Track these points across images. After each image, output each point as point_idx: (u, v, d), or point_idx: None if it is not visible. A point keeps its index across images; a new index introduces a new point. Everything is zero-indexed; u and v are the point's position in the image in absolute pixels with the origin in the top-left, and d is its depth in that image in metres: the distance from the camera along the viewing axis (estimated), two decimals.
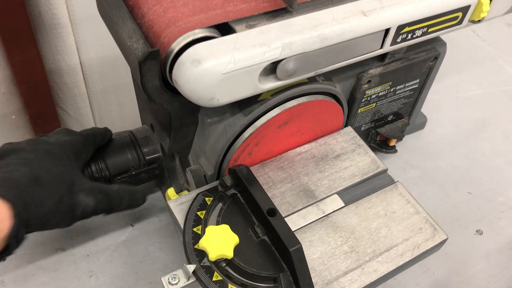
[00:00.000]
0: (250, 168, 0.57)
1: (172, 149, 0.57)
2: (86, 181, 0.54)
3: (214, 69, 0.44)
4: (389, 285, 0.62)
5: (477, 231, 0.69)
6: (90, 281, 0.59)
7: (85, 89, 1.11)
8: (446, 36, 1.00)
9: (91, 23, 0.98)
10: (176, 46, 0.46)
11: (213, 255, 0.46)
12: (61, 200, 0.49)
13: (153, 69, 0.45)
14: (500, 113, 0.86)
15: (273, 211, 0.49)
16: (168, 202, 0.53)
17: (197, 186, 0.56)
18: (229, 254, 0.46)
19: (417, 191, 0.73)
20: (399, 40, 0.56)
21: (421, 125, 0.81)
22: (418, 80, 0.67)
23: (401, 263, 0.51)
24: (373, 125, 0.70)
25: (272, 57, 0.47)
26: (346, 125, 0.65)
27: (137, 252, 0.63)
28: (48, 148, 0.52)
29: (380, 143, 0.72)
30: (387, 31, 0.53)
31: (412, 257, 0.52)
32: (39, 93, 0.99)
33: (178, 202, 0.53)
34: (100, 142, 0.59)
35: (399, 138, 0.72)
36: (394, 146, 0.73)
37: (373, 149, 0.73)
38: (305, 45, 0.48)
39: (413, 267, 0.64)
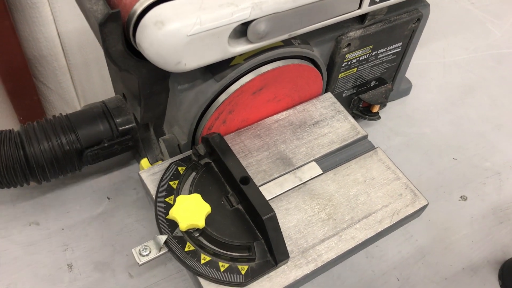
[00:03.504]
0: (226, 136, 0.55)
1: (145, 119, 0.55)
2: None
3: (179, 31, 0.42)
4: (371, 252, 0.61)
5: (461, 197, 0.68)
6: (64, 254, 0.58)
7: (64, 62, 1.08)
8: (433, 0, 0.97)
9: None
10: (139, 7, 0.43)
11: (183, 225, 0.44)
12: None
13: (115, 32, 0.43)
14: (487, 77, 0.84)
15: (246, 179, 0.47)
16: (139, 172, 0.52)
17: (171, 156, 0.55)
18: (200, 223, 0.45)
19: (401, 158, 0.72)
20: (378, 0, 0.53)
21: (406, 91, 0.79)
22: (400, 44, 0.65)
23: (379, 229, 0.50)
24: (355, 91, 0.68)
25: (241, 18, 0.44)
26: (326, 91, 0.63)
27: (113, 224, 0.61)
28: None
29: (363, 109, 0.71)
30: None
31: (391, 224, 0.51)
32: (15, 66, 0.96)
33: (150, 172, 0.52)
34: None
35: (383, 104, 0.71)
36: (377, 113, 0.71)
37: (356, 116, 0.71)
38: (276, 5, 0.46)
39: (395, 234, 0.63)
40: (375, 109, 0.70)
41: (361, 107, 0.70)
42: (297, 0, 0.47)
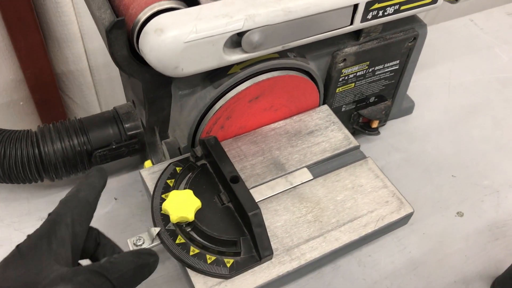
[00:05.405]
0: (224, 141, 0.59)
1: (149, 123, 0.59)
2: (60, 268, 0.38)
3: (176, 38, 0.46)
4: (363, 261, 0.63)
5: (457, 213, 0.69)
6: None
7: (90, 78, 1.14)
8: (442, 25, 1.00)
9: None
10: (143, 16, 0.48)
11: (174, 217, 0.48)
12: None
13: (120, 38, 0.48)
14: (492, 99, 0.85)
15: (236, 178, 0.50)
16: (140, 171, 0.55)
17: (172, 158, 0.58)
18: (190, 216, 0.48)
19: (400, 173, 0.73)
20: (369, 17, 0.57)
21: (409, 109, 0.81)
22: (398, 61, 0.68)
23: (363, 233, 0.52)
24: (354, 106, 0.70)
25: (234, 28, 0.48)
26: (324, 104, 0.66)
27: (118, 223, 0.65)
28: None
29: (363, 125, 0.73)
30: (355, 6, 0.54)
31: (376, 228, 0.53)
32: (44, 79, 1.03)
33: (150, 171, 0.56)
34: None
35: (382, 120, 0.73)
36: (376, 128, 0.73)
37: (356, 131, 0.74)
38: (268, 18, 0.50)
39: (389, 245, 0.65)
40: (375, 124, 0.72)
41: (361, 123, 0.73)
42: (288, 14, 0.50)
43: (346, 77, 0.64)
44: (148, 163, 0.61)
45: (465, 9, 1.08)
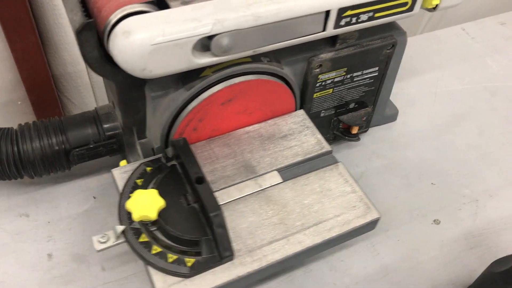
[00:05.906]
0: (197, 143, 0.60)
1: (125, 123, 0.61)
2: None
3: (143, 40, 0.47)
4: (335, 265, 0.63)
5: (434, 220, 0.69)
6: (47, 245, 0.63)
7: (88, 79, 1.16)
8: (434, 33, 1.01)
9: None
10: (113, 18, 0.49)
11: (136, 216, 0.49)
12: None
13: (91, 40, 0.49)
14: (479, 108, 0.85)
15: (201, 179, 0.51)
16: (112, 170, 0.56)
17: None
18: (152, 215, 0.49)
19: (379, 180, 0.74)
20: (342, 23, 0.57)
21: (392, 117, 0.81)
22: (377, 68, 0.68)
23: (327, 237, 0.52)
24: (333, 112, 0.71)
25: (202, 32, 0.49)
26: (300, 109, 0.66)
27: (95, 222, 0.66)
28: None
29: (343, 130, 0.74)
30: (327, 13, 0.55)
31: (340, 233, 0.53)
32: (40, 80, 1.05)
33: (122, 170, 0.57)
34: None
35: (362, 126, 0.73)
36: (356, 134, 0.73)
37: (337, 137, 0.74)
38: (238, 22, 0.50)
39: (362, 251, 0.65)
40: (354, 130, 0.73)
41: (341, 128, 0.73)
42: (258, 19, 0.51)
43: (323, 83, 0.65)
44: (123, 163, 0.62)
45: (458, 18, 1.08)
